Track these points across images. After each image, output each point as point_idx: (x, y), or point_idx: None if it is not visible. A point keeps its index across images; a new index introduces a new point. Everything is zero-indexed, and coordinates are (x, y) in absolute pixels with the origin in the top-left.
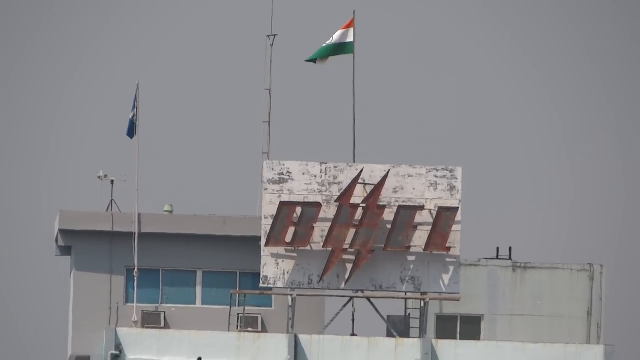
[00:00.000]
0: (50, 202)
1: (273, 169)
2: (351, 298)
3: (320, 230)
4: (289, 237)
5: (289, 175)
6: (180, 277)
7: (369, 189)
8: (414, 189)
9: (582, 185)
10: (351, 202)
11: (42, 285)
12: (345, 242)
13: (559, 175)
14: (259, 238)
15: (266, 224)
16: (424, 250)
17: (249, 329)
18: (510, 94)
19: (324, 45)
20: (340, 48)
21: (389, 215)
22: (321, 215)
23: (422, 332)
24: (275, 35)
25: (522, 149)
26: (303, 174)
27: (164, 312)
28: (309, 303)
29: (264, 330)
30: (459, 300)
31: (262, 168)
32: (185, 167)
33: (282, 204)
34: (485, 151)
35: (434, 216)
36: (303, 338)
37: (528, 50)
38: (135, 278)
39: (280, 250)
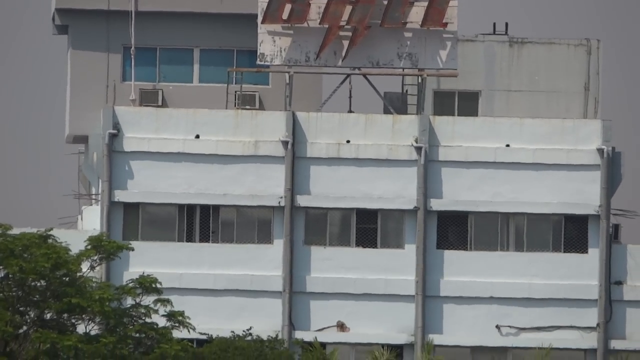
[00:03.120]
0: None
1: None
2: (348, 75)
3: (316, 7)
4: (285, 14)
5: None
6: (177, 55)
7: None
8: None
9: None
10: None
11: (39, 65)
12: (342, 19)
13: None
14: (256, 15)
15: (262, 1)
16: (420, 27)
17: (247, 107)
18: None
19: None
20: None
21: None
22: None
23: (420, 109)
24: None
25: None
26: None
27: (162, 90)
28: (306, 80)
29: (262, 107)
30: (456, 77)
31: None
32: None
33: None
34: None
35: None
36: (300, 115)
37: None
38: (132, 56)
39: (277, 27)
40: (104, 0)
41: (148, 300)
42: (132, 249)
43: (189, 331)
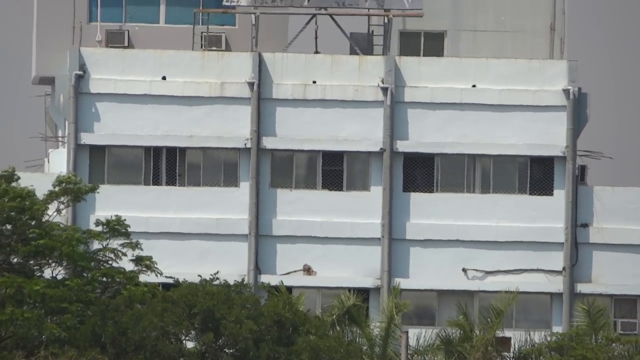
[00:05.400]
0: None
1: None
2: (314, 15)
3: None
4: None
5: None
6: None
7: None
8: None
9: None
10: None
11: (4, 6)
12: None
13: None
14: None
15: None
16: None
17: (213, 48)
18: None
19: None
20: None
21: None
22: None
23: (386, 49)
24: None
25: None
26: None
27: (128, 31)
28: (272, 21)
29: (228, 49)
30: (421, 17)
31: None
32: None
33: None
34: None
35: None
36: (267, 56)
37: None
38: None
39: None
40: None
41: (115, 244)
42: (98, 192)
43: (156, 275)
